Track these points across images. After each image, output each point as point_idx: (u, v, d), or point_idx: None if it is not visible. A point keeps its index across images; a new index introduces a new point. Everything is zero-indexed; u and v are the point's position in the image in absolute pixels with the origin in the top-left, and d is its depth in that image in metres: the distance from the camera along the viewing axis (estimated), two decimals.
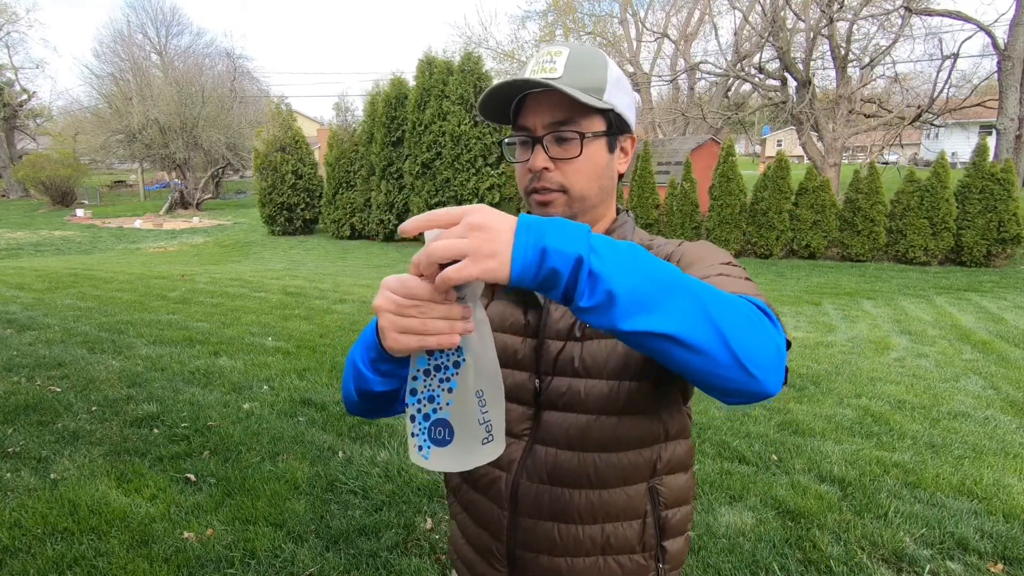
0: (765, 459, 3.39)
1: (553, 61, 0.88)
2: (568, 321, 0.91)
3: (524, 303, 0.95)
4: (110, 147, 28.33)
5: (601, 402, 0.89)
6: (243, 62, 40.85)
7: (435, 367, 0.70)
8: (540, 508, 0.92)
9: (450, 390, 0.69)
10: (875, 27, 17.35)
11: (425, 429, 0.70)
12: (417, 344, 0.65)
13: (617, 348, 0.89)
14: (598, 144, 0.91)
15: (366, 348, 0.81)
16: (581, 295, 0.59)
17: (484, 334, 0.70)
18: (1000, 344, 6.09)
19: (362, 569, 2.40)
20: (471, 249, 0.58)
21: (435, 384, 0.69)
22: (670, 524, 0.95)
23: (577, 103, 0.86)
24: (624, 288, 0.59)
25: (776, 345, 0.67)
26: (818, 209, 11.85)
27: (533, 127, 0.90)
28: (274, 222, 17.98)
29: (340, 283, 9.38)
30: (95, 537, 2.54)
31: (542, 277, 0.59)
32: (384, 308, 0.66)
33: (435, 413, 0.69)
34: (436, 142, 14.69)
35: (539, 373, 0.92)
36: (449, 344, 0.65)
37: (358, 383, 0.84)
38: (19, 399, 3.93)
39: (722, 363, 0.63)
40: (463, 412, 0.69)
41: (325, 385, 4.42)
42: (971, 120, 25.48)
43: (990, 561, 2.50)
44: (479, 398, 0.70)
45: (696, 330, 0.62)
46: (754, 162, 36.02)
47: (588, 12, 27.40)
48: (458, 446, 0.70)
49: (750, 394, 0.67)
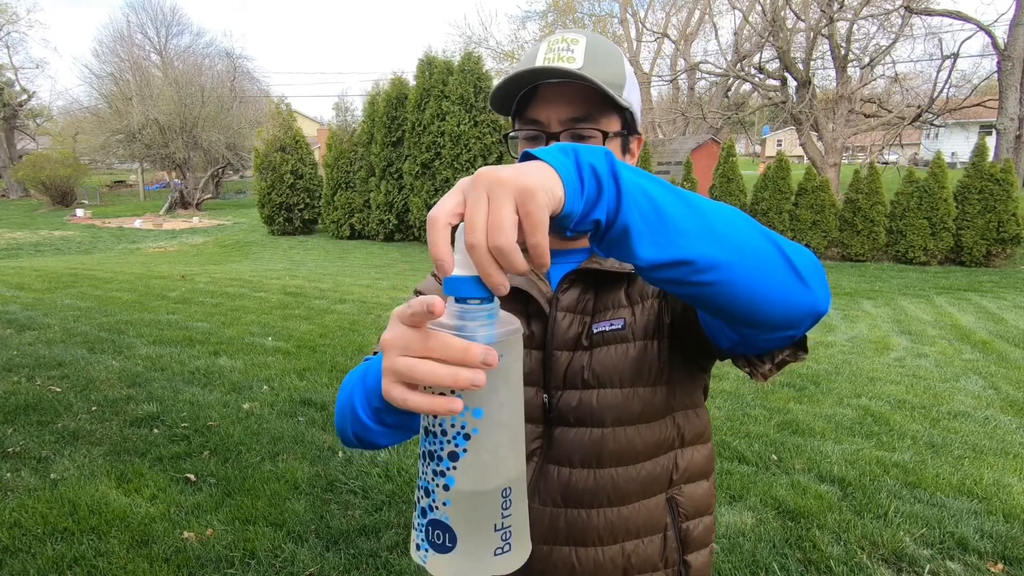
0: (765, 459, 3.39)
1: (571, 49, 0.78)
2: (576, 330, 0.85)
3: (526, 312, 0.88)
4: (110, 147, 28.35)
5: (615, 412, 0.84)
6: (243, 62, 40.78)
7: (428, 452, 0.50)
8: (556, 533, 0.86)
9: (446, 487, 0.49)
10: (875, 27, 17.38)
11: (422, 527, 0.52)
12: (403, 404, 0.48)
13: (629, 353, 0.84)
14: (615, 145, 0.84)
15: (367, 395, 0.68)
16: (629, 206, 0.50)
17: (514, 396, 0.51)
18: (1000, 344, 6.09)
19: (362, 569, 2.40)
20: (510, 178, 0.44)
21: (428, 473, 0.50)
22: (692, 536, 0.90)
23: (599, 98, 0.78)
24: (661, 195, 0.52)
25: (812, 256, 0.62)
26: (818, 209, 11.85)
27: (547, 121, 0.81)
28: (273, 222, 17.98)
29: (340, 283, 9.38)
30: (95, 537, 2.53)
31: (588, 189, 0.49)
32: (391, 345, 0.49)
33: (432, 511, 0.50)
34: (436, 142, 14.69)
35: (547, 388, 0.86)
36: (446, 410, 0.46)
37: (359, 432, 0.72)
38: (19, 399, 3.92)
39: (776, 269, 0.57)
40: (469, 516, 0.50)
41: (325, 385, 4.42)
42: (971, 120, 25.49)
43: (990, 561, 2.50)
44: (504, 498, 0.51)
45: (748, 233, 0.56)
46: (754, 162, 36.01)
47: (588, 12, 27.44)
48: (461, 555, 0.50)
49: (804, 312, 0.60)
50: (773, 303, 0.58)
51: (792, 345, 0.72)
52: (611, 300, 0.87)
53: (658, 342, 0.85)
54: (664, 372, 0.85)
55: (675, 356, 0.86)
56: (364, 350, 5.30)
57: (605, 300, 0.87)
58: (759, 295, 0.57)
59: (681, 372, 0.87)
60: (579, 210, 0.49)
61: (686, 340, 0.85)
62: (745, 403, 4.25)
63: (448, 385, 0.46)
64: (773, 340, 0.67)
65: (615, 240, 0.52)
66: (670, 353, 0.86)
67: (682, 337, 0.85)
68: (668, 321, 0.85)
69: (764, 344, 0.69)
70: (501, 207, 0.44)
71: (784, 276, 0.58)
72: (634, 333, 0.85)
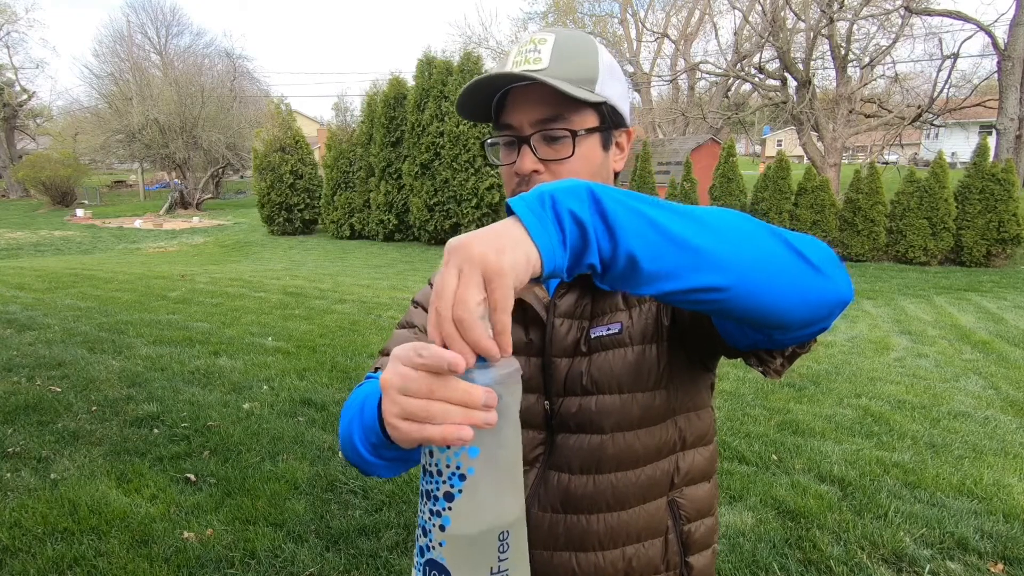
0: (765, 459, 3.39)
1: (537, 50, 0.78)
2: (574, 336, 0.85)
3: (524, 319, 0.87)
4: (110, 147, 28.35)
5: (614, 418, 0.83)
6: (243, 62, 40.81)
7: (425, 491, 0.51)
8: (556, 539, 0.86)
9: (442, 527, 0.49)
10: (875, 27, 17.38)
11: (420, 566, 0.52)
12: (418, 433, 0.49)
13: (627, 358, 0.83)
14: (591, 141, 0.82)
15: (364, 430, 0.68)
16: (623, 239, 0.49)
17: (512, 436, 0.51)
18: (1000, 344, 6.09)
19: (362, 569, 2.40)
20: (480, 256, 0.46)
21: (426, 512, 0.51)
22: (693, 539, 0.89)
23: (566, 97, 0.76)
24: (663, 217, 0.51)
25: (822, 245, 0.62)
26: (818, 209, 11.85)
27: (518, 125, 0.81)
28: (273, 222, 18.00)
29: (340, 283, 9.38)
30: (95, 537, 2.53)
31: (571, 239, 0.49)
32: (392, 385, 0.51)
33: (428, 551, 0.50)
34: (435, 142, 14.70)
35: (548, 394, 0.86)
36: (456, 438, 0.47)
37: (360, 465, 0.73)
38: (19, 399, 3.92)
39: (793, 268, 0.57)
40: (466, 558, 0.50)
41: (325, 385, 4.42)
42: (971, 120, 25.48)
43: (990, 561, 2.50)
44: (501, 541, 0.50)
45: (757, 236, 0.56)
46: (754, 162, 36.01)
47: (588, 12, 27.44)
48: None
49: (831, 304, 0.60)
50: (798, 302, 0.58)
51: None
52: (608, 304, 0.86)
53: (656, 346, 0.84)
54: (664, 376, 0.84)
55: (676, 358, 0.85)
56: (364, 350, 5.30)
57: (603, 304, 0.86)
58: (782, 297, 0.57)
59: (683, 374, 0.86)
60: (564, 263, 0.49)
61: (691, 340, 0.84)
62: (745, 403, 4.25)
63: (460, 423, 0.48)
64: (802, 336, 0.66)
65: (623, 274, 0.52)
66: (671, 355, 0.84)
67: (686, 338, 0.84)
68: (667, 323, 0.84)
69: (791, 342, 0.68)
70: (468, 287, 0.46)
71: (803, 273, 0.58)
72: (632, 337, 0.84)
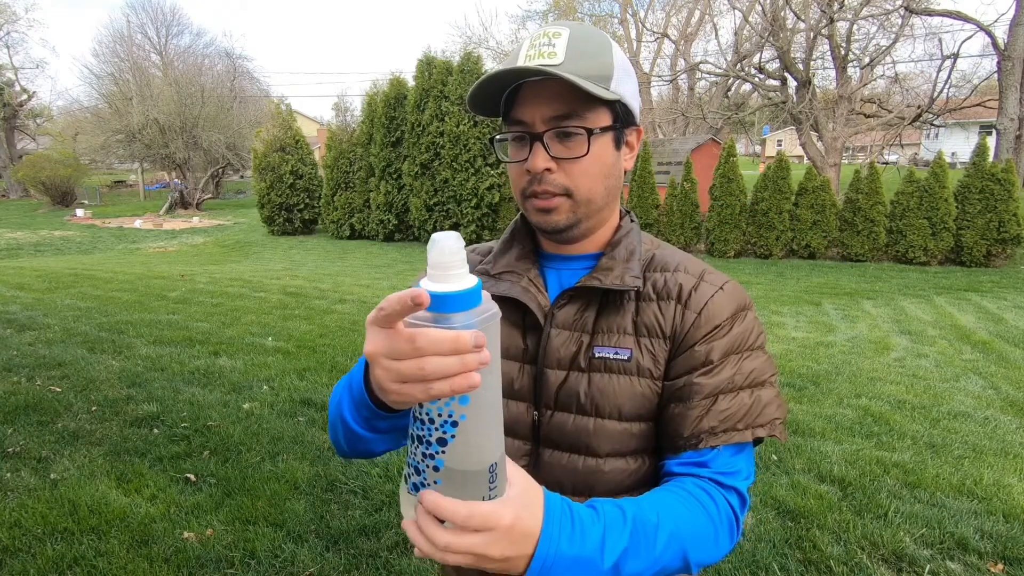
0: (765, 459, 3.39)
1: (552, 44, 0.75)
2: (572, 348, 0.82)
3: (523, 324, 0.85)
4: (110, 147, 28.34)
5: (612, 444, 0.80)
6: (243, 62, 40.80)
7: (416, 436, 0.53)
8: None
9: (436, 468, 0.52)
10: (875, 27, 17.36)
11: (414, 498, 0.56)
12: (424, 393, 0.50)
13: (634, 388, 0.80)
14: (605, 140, 0.79)
15: (355, 405, 0.67)
16: None
17: (495, 378, 0.53)
18: (1000, 344, 6.09)
19: (362, 569, 2.40)
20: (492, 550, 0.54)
21: (418, 455, 0.53)
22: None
23: (582, 94, 0.74)
24: None
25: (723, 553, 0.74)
26: (818, 209, 11.85)
27: (531, 122, 0.78)
28: (273, 222, 17.99)
29: (340, 283, 9.38)
30: (95, 537, 2.53)
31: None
32: (378, 353, 0.51)
33: (423, 487, 0.54)
34: (435, 142, 14.70)
35: (537, 406, 0.83)
36: (467, 386, 0.48)
37: (353, 443, 0.72)
38: (19, 399, 3.92)
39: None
40: (460, 491, 0.53)
41: (325, 385, 4.42)
42: (971, 120, 25.49)
43: (990, 561, 2.50)
44: (491, 473, 0.53)
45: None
46: (754, 162, 36.02)
47: (588, 12, 27.42)
48: None
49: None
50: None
51: None
52: (615, 323, 0.82)
53: (652, 383, 0.81)
54: (659, 410, 0.82)
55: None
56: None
57: (609, 320, 0.82)
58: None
59: None
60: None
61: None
62: None
63: (459, 371, 0.48)
64: None
65: None
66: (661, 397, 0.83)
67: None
68: (661, 372, 0.82)
69: None
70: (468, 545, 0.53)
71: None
72: (639, 369, 0.80)
